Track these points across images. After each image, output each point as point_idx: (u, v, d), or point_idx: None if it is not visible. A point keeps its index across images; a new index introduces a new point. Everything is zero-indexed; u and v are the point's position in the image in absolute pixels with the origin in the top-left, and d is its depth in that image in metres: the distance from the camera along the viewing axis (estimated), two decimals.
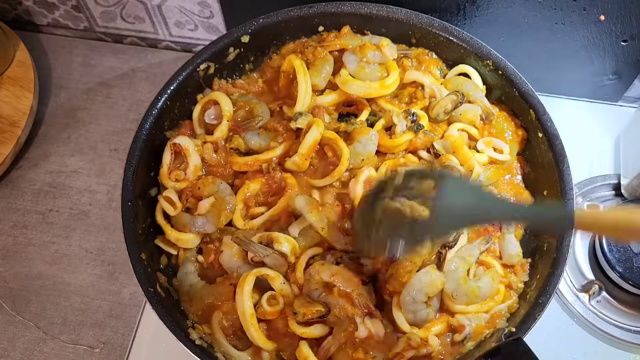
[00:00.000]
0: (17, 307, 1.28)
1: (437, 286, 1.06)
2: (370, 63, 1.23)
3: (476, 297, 1.09)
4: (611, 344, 1.22)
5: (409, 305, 1.06)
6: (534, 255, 1.15)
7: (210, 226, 1.13)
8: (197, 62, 1.22)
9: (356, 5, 1.26)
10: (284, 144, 1.20)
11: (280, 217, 1.14)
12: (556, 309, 1.25)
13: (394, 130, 1.19)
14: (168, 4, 1.46)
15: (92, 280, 1.31)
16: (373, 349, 1.00)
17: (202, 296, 1.10)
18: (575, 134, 1.40)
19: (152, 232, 1.17)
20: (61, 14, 1.57)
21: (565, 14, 1.27)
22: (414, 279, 1.05)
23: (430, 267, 1.06)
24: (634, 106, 1.47)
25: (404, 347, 1.04)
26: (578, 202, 1.32)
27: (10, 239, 1.36)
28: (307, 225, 1.10)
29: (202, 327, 1.08)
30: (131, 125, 1.48)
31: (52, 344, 1.25)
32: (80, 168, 1.44)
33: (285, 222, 1.14)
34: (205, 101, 1.23)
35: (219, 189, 1.15)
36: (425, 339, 1.06)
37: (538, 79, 1.23)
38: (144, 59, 1.58)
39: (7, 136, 1.40)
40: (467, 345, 1.07)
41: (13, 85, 1.46)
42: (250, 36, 1.25)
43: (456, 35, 1.23)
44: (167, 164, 1.18)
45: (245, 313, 1.03)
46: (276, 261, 1.07)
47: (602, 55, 1.35)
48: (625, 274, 1.20)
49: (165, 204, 1.14)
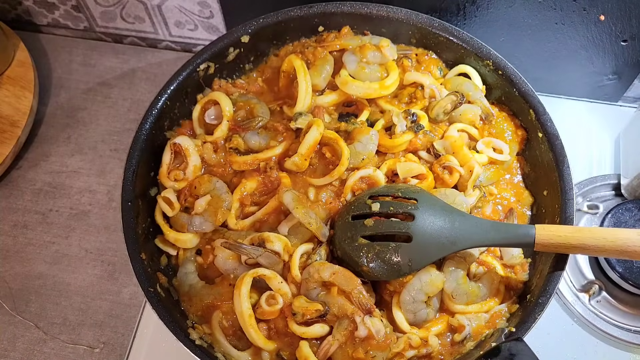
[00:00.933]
0: (17, 307, 1.28)
1: (437, 286, 1.06)
2: (370, 63, 1.23)
3: (476, 297, 1.09)
4: (611, 344, 1.22)
5: (409, 305, 1.06)
6: (534, 255, 1.15)
7: (207, 225, 1.13)
8: (197, 62, 1.22)
9: (356, 5, 1.26)
10: (283, 143, 1.20)
11: (269, 217, 1.15)
12: (556, 309, 1.25)
13: (394, 130, 1.20)
14: (168, 4, 1.46)
15: (92, 280, 1.31)
16: (373, 348, 1.00)
17: (201, 296, 1.10)
18: (575, 134, 1.41)
19: (152, 232, 1.16)
20: (61, 14, 1.57)
21: (565, 14, 1.27)
22: (414, 279, 1.05)
23: (430, 267, 1.07)
24: (634, 106, 1.47)
25: (404, 347, 1.04)
26: (578, 202, 1.33)
27: (10, 239, 1.36)
28: (296, 223, 1.11)
29: (202, 327, 1.08)
30: (131, 125, 1.48)
31: (52, 344, 1.25)
32: (80, 168, 1.44)
33: (275, 222, 1.14)
34: (205, 101, 1.23)
35: (215, 187, 1.15)
36: (425, 338, 1.07)
37: (538, 79, 1.24)
38: (144, 59, 1.58)
39: (7, 136, 1.40)
40: (467, 345, 1.07)
41: (13, 85, 1.46)
42: (250, 36, 1.25)
43: (456, 35, 1.23)
44: (167, 163, 1.18)
45: (243, 314, 1.03)
46: (270, 260, 1.07)
47: (602, 55, 1.35)
48: (625, 274, 1.20)
49: (164, 204, 1.14)
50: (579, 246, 0.98)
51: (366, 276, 1.06)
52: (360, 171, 1.15)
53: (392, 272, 1.04)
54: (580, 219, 1.32)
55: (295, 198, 1.10)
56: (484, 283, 1.11)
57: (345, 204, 1.14)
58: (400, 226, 1.05)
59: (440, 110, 1.20)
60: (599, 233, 0.97)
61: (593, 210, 1.32)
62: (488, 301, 1.11)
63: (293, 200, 1.09)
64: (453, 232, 1.04)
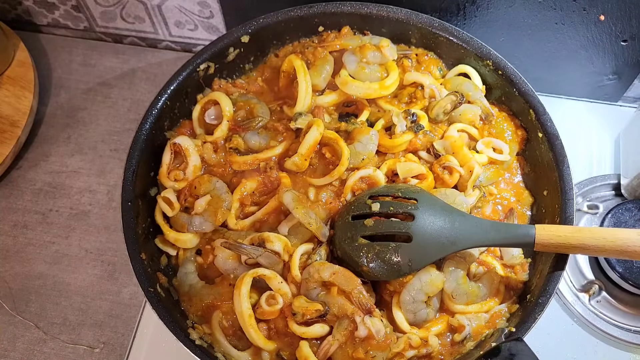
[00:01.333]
0: (17, 307, 1.28)
1: (437, 286, 1.06)
2: (370, 64, 1.23)
3: (476, 297, 1.09)
4: (611, 344, 1.22)
5: (409, 305, 1.06)
6: (534, 255, 1.15)
7: (207, 225, 1.13)
8: (197, 62, 1.22)
9: (356, 5, 1.26)
10: (283, 143, 1.20)
11: (269, 217, 1.15)
12: (556, 309, 1.25)
13: (394, 130, 1.20)
14: (168, 4, 1.46)
15: (92, 280, 1.31)
16: (373, 348, 1.00)
17: (201, 296, 1.10)
18: (575, 134, 1.41)
19: (152, 232, 1.16)
20: (61, 14, 1.57)
21: (565, 14, 1.27)
22: (414, 279, 1.05)
23: (430, 267, 1.07)
24: (634, 106, 1.47)
25: (404, 347, 1.04)
26: (578, 202, 1.33)
27: (10, 239, 1.36)
28: (296, 223, 1.11)
29: (202, 327, 1.08)
30: (131, 125, 1.48)
31: (52, 344, 1.25)
32: (80, 168, 1.44)
33: (275, 222, 1.14)
34: (205, 101, 1.23)
35: (215, 187, 1.15)
36: (425, 339, 1.07)
37: (538, 79, 1.24)
38: (144, 59, 1.58)
39: (7, 136, 1.40)
40: (467, 345, 1.07)
41: (13, 85, 1.46)
42: (250, 36, 1.25)
43: (456, 35, 1.23)
44: (167, 163, 1.18)
45: (243, 314, 1.03)
46: (270, 259, 1.07)
47: (602, 55, 1.35)
48: (625, 274, 1.20)
49: (164, 204, 1.14)
50: (579, 246, 0.98)
51: (366, 276, 1.06)
52: (360, 171, 1.15)
53: (392, 272, 1.04)
54: (580, 219, 1.32)
55: (295, 198, 1.10)
56: (484, 283, 1.11)
57: (345, 203, 1.14)
58: (400, 226, 1.05)
59: (440, 110, 1.20)
60: (599, 233, 0.97)
61: (593, 210, 1.32)
62: (488, 301, 1.11)
63: (293, 201, 1.09)
64: (453, 232, 1.04)
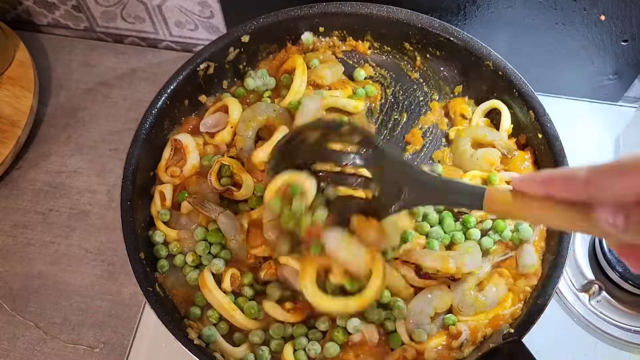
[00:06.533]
0: (17, 307, 1.29)
1: (447, 302, 1.05)
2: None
3: (483, 307, 1.06)
4: (611, 344, 1.22)
5: (416, 315, 1.04)
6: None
7: (193, 226, 1.14)
8: (197, 62, 1.22)
9: (356, 5, 1.26)
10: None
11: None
12: (556, 309, 1.25)
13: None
14: (168, 4, 1.46)
15: (92, 280, 1.31)
16: (364, 353, 1.00)
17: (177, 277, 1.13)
18: (575, 134, 1.40)
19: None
20: (61, 14, 1.57)
21: (566, 14, 1.27)
22: (425, 291, 1.05)
23: (443, 284, 1.06)
24: (634, 106, 1.47)
25: (398, 358, 1.02)
26: None
27: (10, 239, 1.36)
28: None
29: (197, 323, 1.09)
30: (131, 125, 1.48)
31: (52, 343, 1.25)
32: (80, 168, 1.44)
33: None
34: (218, 107, 1.24)
35: (201, 188, 1.15)
36: (422, 352, 1.04)
37: (538, 79, 1.23)
38: (144, 59, 1.58)
39: (7, 136, 1.40)
40: (464, 351, 1.04)
41: (13, 85, 1.46)
42: (250, 36, 1.25)
43: (456, 36, 1.23)
44: (166, 159, 1.19)
45: (222, 305, 1.05)
46: (229, 220, 1.09)
47: (602, 55, 1.35)
48: (625, 274, 1.20)
49: (157, 197, 1.15)
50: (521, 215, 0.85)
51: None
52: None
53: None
54: None
55: None
56: (490, 292, 1.08)
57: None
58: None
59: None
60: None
61: None
62: (497, 308, 1.07)
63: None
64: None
